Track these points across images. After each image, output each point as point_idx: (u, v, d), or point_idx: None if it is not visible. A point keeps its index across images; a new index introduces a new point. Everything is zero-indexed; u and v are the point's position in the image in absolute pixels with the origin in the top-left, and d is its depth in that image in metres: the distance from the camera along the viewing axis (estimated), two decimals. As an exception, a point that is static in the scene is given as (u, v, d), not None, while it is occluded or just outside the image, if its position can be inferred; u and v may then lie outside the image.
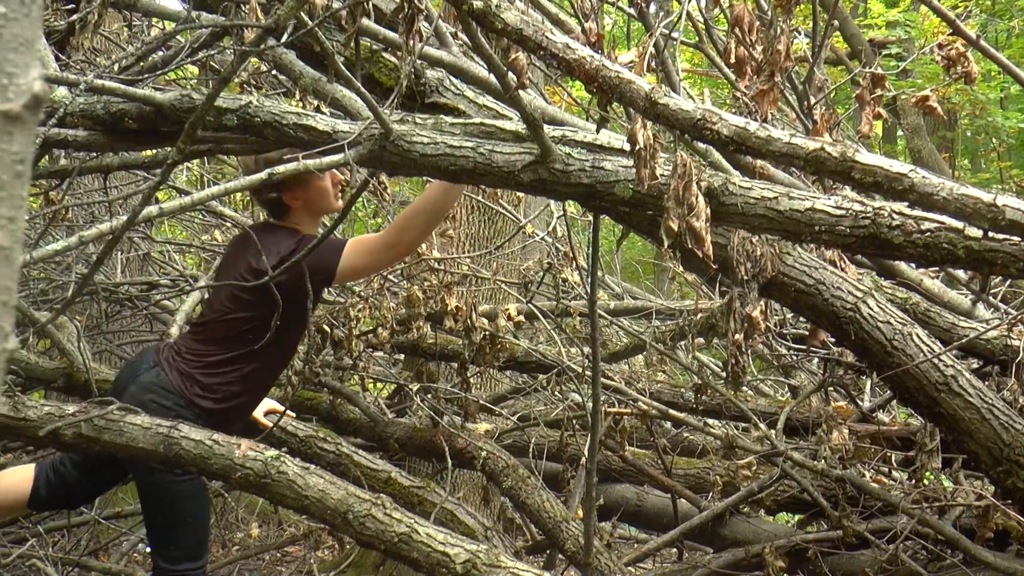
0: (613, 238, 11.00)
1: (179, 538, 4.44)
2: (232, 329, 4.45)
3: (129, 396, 4.41)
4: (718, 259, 3.70)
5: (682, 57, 11.73)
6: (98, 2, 4.41)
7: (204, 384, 4.45)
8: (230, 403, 4.50)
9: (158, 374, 4.47)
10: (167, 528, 4.46)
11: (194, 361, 4.48)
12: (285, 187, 4.50)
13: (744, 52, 3.94)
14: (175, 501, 4.40)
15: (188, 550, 4.44)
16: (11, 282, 1.07)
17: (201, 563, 4.48)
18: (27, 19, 1.05)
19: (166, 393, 4.42)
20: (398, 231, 4.38)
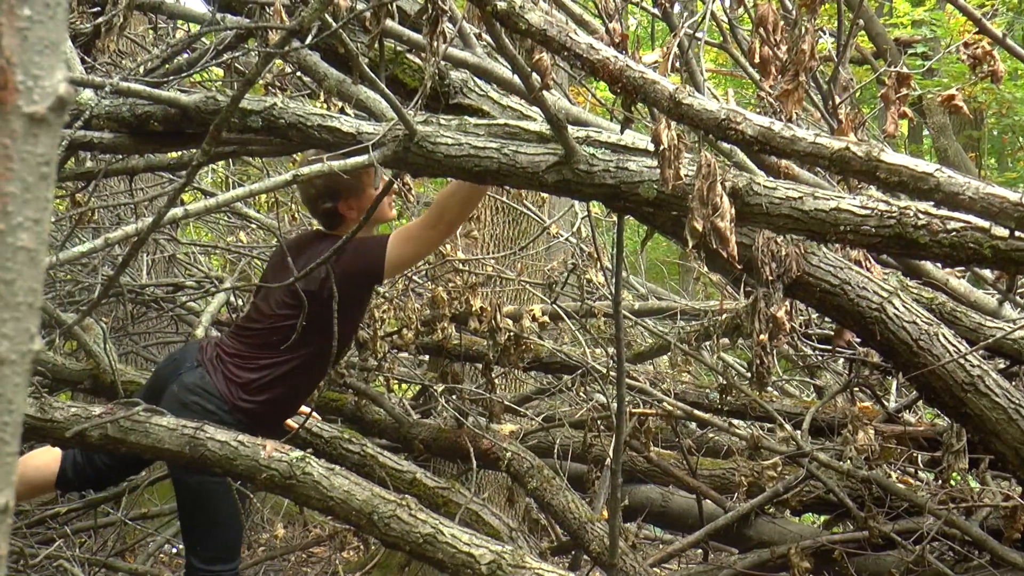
0: (637, 239, 10.99)
1: (214, 538, 4.46)
2: (280, 334, 4.47)
3: (171, 395, 4.43)
4: (743, 259, 3.69)
5: (706, 57, 11.71)
6: (123, 5, 4.42)
7: (249, 388, 4.48)
8: (273, 407, 4.52)
9: (202, 376, 4.49)
10: (202, 528, 4.48)
11: (240, 365, 4.51)
12: (340, 197, 4.53)
13: (769, 52, 3.93)
14: (210, 501, 4.41)
15: (222, 551, 4.46)
16: (37, 284, 1.07)
17: (234, 565, 4.50)
18: (52, 21, 1.06)
19: (210, 396, 4.44)
20: (438, 210, 4.39)
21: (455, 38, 4.25)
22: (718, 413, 5.97)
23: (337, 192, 4.55)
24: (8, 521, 1.11)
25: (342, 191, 4.53)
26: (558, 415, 6.35)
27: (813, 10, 3.90)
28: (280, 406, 4.58)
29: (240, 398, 4.45)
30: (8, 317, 1.06)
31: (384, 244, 4.44)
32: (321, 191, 4.58)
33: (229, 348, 4.56)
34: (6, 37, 1.03)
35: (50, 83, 1.06)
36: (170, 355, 4.94)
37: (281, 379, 4.51)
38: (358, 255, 4.42)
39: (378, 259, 4.44)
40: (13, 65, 1.04)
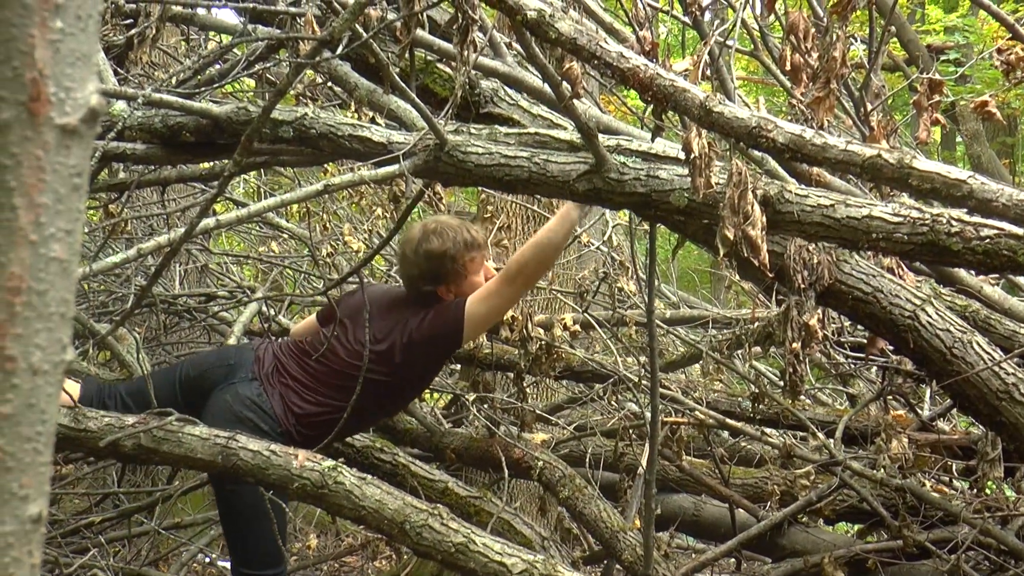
0: (669, 247, 10.97)
1: (257, 544, 4.46)
2: (352, 381, 4.48)
3: (223, 404, 4.43)
4: (774, 267, 3.68)
5: (737, 65, 11.68)
6: (156, 17, 4.45)
7: (305, 420, 4.50)
8: (322, 437, 4.53)
9: (259, 393, 4.49)
10: (244, 534, 4.48)
11: (302, 395, 4.51)
12: (442, 282, 4.52)
13: (800, 59, 3.92)
14: (251, 506, 4.42)
15: (266, 556, 4.47)
16: (69, 294, 1.08)
17: (280, 570, 4.51)
18: (84, 34, 1.06)
19: (265, 416, 4.45)
20: (516, 266, 4.36)
21: (485, 47, 4.26)
22: (750, 422, 5.94)
23: (440, 277, 4.55)
24: (41, 530, 1.12)
25: (445, 277, 4.53)
26: (590, 424, 6.34)
27: (844, 17, 3.89)
28: (328, 437, 4.59)
29: (294, 426, 4.46)
30: (41, 327, 1.06)
31: (463, 307, 4.44)
32: (425, 273, 4.57)
33: (293, 371, 4.56)
34: (38, 49, 1.04)
35: (82, 95, 1.06)
36: (221, 354, 4.85)
37: (338, 420, 4.52)
38: (438, 318, 4.43)
39: (458, 322, 4.43)
40: (45, 77, 1.04)
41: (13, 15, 1.05)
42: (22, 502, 1.09)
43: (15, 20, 1.04)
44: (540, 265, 4.42)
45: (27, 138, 1.04)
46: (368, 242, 6.58)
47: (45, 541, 3.92)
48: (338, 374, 4.53)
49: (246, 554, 4.49)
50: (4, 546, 1.09)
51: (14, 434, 1.07)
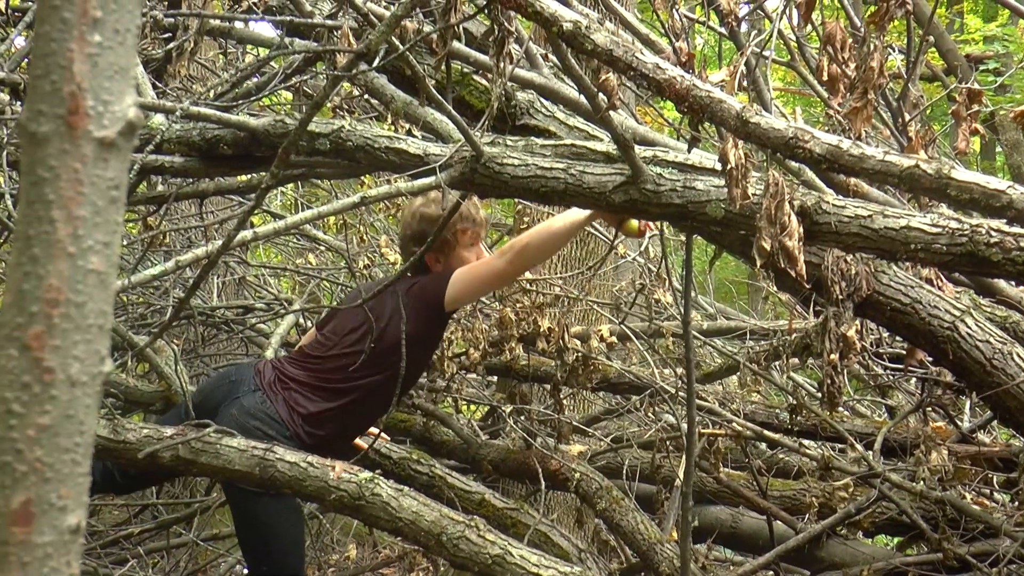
0: (705, 258, 10.95)
1: (274, 557, 4.47)
2: (347, 368, 4.49)
3: (230, 418, 4.44)
4: (812, 278, 3.66)
5: (774, 76, 11.65)
6: (194, 30, 4.48)
7: (311, 419, 4.49)
8: (332, 438, 4.53)
9: (263, 400, 4.50)
10: (262, 547, 4.49)
11: (304, 395, 4.52)
12: (432, 247, 4.51)
13: (837, 69, 3.91)
14: (268, 519, 4.43)
15: (285, 569, 4.47)
16: (107, 306, 1.09)
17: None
18: (122, 47, 1.07)
19: (271, 421, 4.45)
20: (515, 248, 4.35)
21: (521, 59, 4.27)
22: (788, 433, 5.92)
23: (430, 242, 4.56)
24: (80, 541, 1.13)
25: (435, 243, 4.53)
26: (627, 436, 6.32)
27: (881, 27, 3.87)
28: (339, 438, 4.59)
29: (302, 427, 4.46)
30: (79, 339, 1.07)
31: (448, 276, 4.45)
32: (416, 235, 4.58)
33: (292, 375, 4.57)
34: (77, 63, 1.05)
35: (120, 108, 1.07)
36: (221, 374, 4.91)
37: (343, 411, 4.52)
38: (423, 289, 4.44)
39: (440, 291, 4.43)
40: (84, 90, 1.05)
41: (52, 29, 1.06)
42: (61, 513, 1.10)
43: (54, 35, 1.05)
44: (538, 251, 4.39)
45: (65, 151, 1.05)
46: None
47: (84, 552, 3.94)
48: (341, 359, 4.54)
49: (264, 565, 4.48)
50: (43, 556, 1.09)
51: (53, 445, 1.08)
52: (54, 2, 1.05)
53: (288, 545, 4.45)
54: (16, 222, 1.08)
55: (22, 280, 1.06)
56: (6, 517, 1.08)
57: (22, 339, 1.06)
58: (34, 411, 1.07)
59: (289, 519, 4.44)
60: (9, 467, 1.07)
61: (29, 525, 1.08)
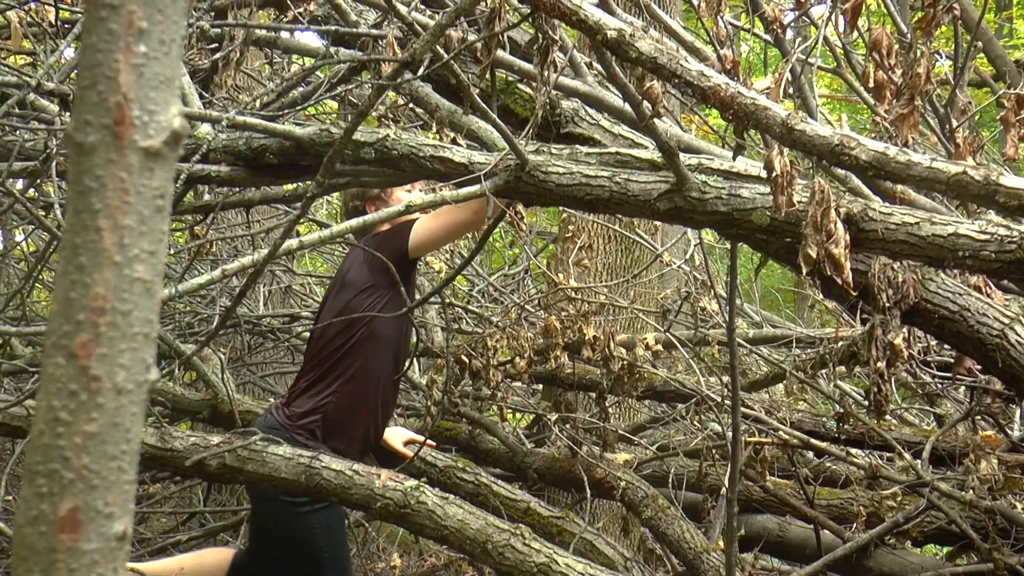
0: (751, 266, 10.90)
1: (326, 572, 4.48)
2: (332, 336, 4.53)
3: None
4: (858, 286, 3.64)
5: (820, 82, 11.59)
6: (240, 40, 4.51)
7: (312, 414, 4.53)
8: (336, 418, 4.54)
9: (265, 416, 4.63)
10: (312, 564, 4.50)
11: (302, 397, 4.57)
12: (367, 199, 4.59)
13: (883, 76, 3.88)
14: (316, 535, 4.44)
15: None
16: (152, 315, 1.09)
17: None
18: (167, 58, 1.08)
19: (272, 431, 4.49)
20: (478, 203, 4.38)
21: (566, 67, 4.27)
22: (835, 442, 5.88)
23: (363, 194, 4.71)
24: (126, 547, 1.13)
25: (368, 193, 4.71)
26: (672, 444, 6.31)
27: (928, 33, 3.85)
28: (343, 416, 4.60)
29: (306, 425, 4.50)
30: (125, 347, 1.08)
31: (410, 226, 4.50)
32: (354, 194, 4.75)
33: (291, 388, 4.69)
34: (123, 74, 1.06)
35: (165, 118, 1.08)
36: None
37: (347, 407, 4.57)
38: (385, 239, 4.48)
39: (403, 238, 4.48)
40: (129, 101, 1.06)
41: (99, 40, 1.07)
42: (107, 520, 1.10)
43: (100, 45, 1.06)
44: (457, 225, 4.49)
45: (112, 160, 1.06)
46: (450, 262, 6.60)
47: (133, 559, 3.97)
48: (322, 345, 4.59)
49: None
50: (90, 563, 1.10)
51: (99, 452, 1.08)
52: (101, 13, 1.06)
53: (337, 558, 4.47)
54: (63, 231, 1.09)
55: (69, 288, 1.07)
56: (54, 524, 1.09)
57: (69, 347, 1.07)
58: (81, 419, 1.08)
59: (336, 532, 4.46)
60: (57, 474, 1.08)
61: (76, 532, 1.09)
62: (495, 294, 7.99)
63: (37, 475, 1.09)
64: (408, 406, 6.83)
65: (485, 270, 8.86)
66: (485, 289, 8.14)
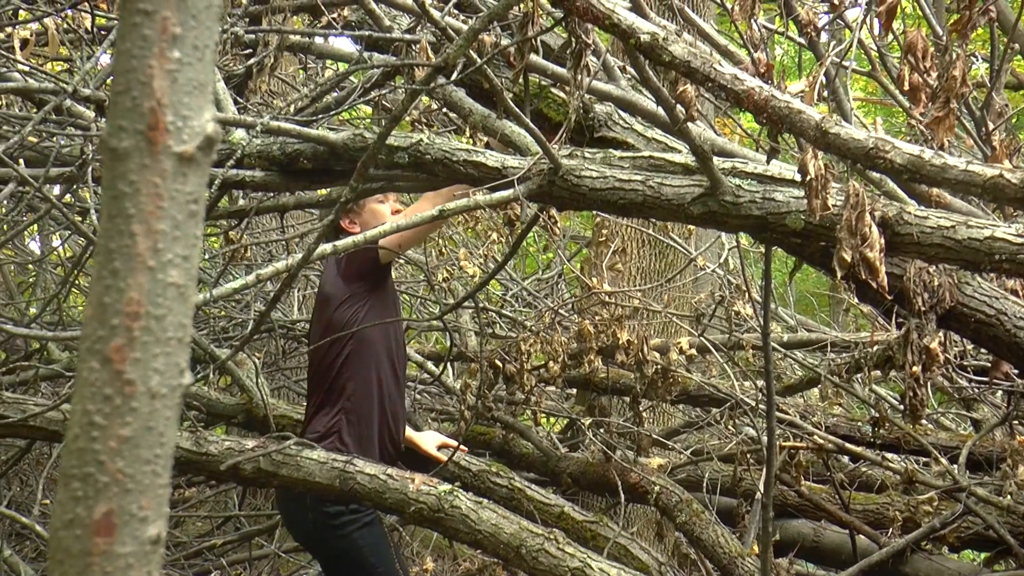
0: (786, 270, 10.86)
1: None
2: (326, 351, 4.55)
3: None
4: (894, 290, 3.62)
5: (855, 86, 11.54)
6: (274, 46, 4.52)
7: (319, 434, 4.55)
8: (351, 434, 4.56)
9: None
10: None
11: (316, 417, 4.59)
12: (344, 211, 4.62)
13: (918, 79, 3.86)
14: (364, 551, 4.46)
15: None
16: (186, 319, 1.10)
17: None
18: (200, 63, 1.08)
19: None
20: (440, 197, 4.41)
21: (599, 71, 4.26)
22: (871, 446, 5.85)
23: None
24: (160, 551, 1.14)
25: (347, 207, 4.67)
26: (707, 449, 6.29)
27: (964, 35, 3.83)
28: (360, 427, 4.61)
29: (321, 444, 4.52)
30: (159, 352, 1.08)
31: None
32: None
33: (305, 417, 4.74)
34: (157, 79, 1.06)
35: (198, 123, 1.08)
36: None
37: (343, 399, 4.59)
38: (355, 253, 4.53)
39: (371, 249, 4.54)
40: (163, 106, 1.07)
41: (133, 46, 1.07)
42: (142, 523, 1.11)
43: (134, 51, 1.07)
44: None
45: (145, 166, 1.07)
46: (483, 267, 6.60)
47: (169, 563, 3.99)
48: (323, 374, 4.62)
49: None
50: (124, 567, 1.11)
51: (133, 456, 1.09)
52: (135, 19, 1.07)
53: (388, 570, 4.49)
54: (98, 236, 1.09)
55: (103, 293, 1.07)
56: (89, 527, 1.09)
57: (103, 352, 1.08)
58: (115, 423, 1.08)
59: (381, 544, 4.49)
60: (91, 478, 1.09)
61: (111, 535, 1.10)
62: (529, 298, 7.98)
63: (72, 479, 1.10)
64: (442, 410, 6.85)
65: (519, 274, 8.85)
66: (519, 293, 8.14)
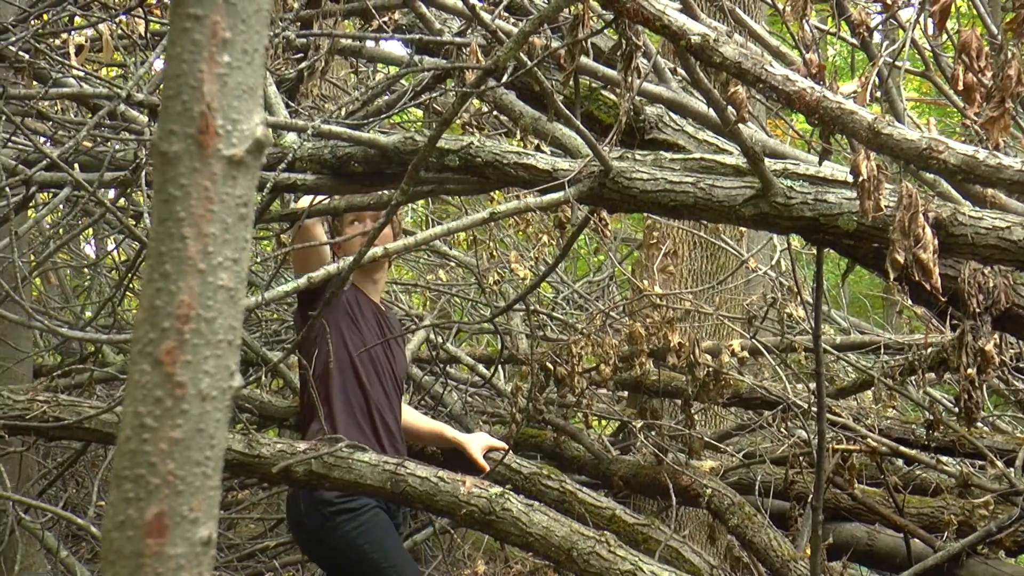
0: (839, 272, 10.80)
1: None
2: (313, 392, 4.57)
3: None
4: (947, 291, 3.59)
5: (908, 86, 11.45)
6: (325, 50, 4.54)
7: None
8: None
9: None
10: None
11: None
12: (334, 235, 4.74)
13: (973, 78, 3.83)
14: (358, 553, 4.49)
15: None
16: (236, 322, 1.10)
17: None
18: (250, 67, 1.09)
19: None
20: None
21: (650, 73, 4.25)
22: (925, 449, 5.81)
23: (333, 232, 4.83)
24: (211, 552, 1.14)
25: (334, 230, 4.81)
26: (759, 451, 6.26)
27: (1020, 34, 3.79)
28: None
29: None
30: (209, 354, 1.09)
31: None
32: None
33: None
34: (207, 83, 1.07)
35: (248, 127, 1.09)
36: None
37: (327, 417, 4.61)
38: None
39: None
40: (213, 110, 1.07)
41: (183, 51, 1.08)
42: (192, 525, 1.12)
43: (185, 56, 1.08)
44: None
45: (196, 169, 1.07)
46: (534, 269, 6.60)
47: (222, 564, 4.01)
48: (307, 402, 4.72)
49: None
50: (176, 568, 1.11)
51: (184, 458, 1.10)
52: (185, 24, 1.07)
53: (395, 565, 4.50)
54: (149, 239, 1.10)
55: (154, 296, 1.08)
56: (140, 529, 1.10)
57: (154, 354, 1.08)
58: (166, 425, 1.09)
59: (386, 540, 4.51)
60: (143, 480, 1.10)
61: (163, 537, 1.10)
62: (580, 301, 7.98)
63: (124, 480, 1.10)
64: (493, 413, 6.84)
65: (570, 277, 8.85)
66: (570, 296, 8.13)
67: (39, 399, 4.54)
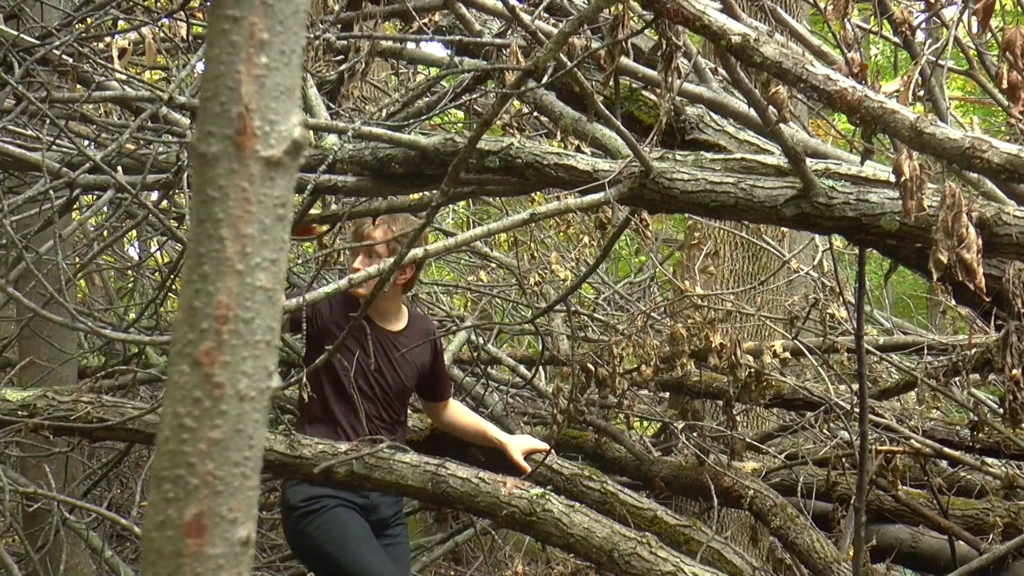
0: (881, 272, 10.74)
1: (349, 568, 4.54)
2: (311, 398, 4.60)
3: None
4: (992, 291, 3.57)
5: (952, 85, 11.38)
6: (365, 52, 4.55)
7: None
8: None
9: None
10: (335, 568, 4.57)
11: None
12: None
13: (1017, 76, 3.80)
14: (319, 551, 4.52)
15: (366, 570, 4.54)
16: (274, 322, 1.11)
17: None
18: (287, 68, 1.09)
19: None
20: None
21: (690, 73, 4.24)
22: (969, 451, 5.76)
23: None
24: (250, 552, 1.15)
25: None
26: (801, 452, 6.23)
27: (1064, 32, 3.76)
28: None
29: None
30: (247, 355, 1.09)
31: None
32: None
33: None
34: (244, 85, 1.07)
35: (286, 128, 1.09)
36: None
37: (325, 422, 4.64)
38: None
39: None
40: (251, 111, 1.08)
41: (221, 52, 1.08)
42: (232, 525, 1.12)
43: (223, 57, 1.08)
44: None
45: (234, 170, 1.08)
46: (575, 270, 6.59)
47: (264, 565, 4.03)
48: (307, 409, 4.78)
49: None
50: (215, 568, 1.12)
51: (223, 459, 1.10)
52: (223, 25, 1.08)
53: (354, 563, 4.52)
54: (187, 240, 1.11)
55: (193, 297, 1.09)
56: (180, 529, 1.11)
57: (193, 355, 1.09)
58: (205, 425, 1.09)
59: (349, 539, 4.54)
60: (182, 480, 1.10)
61: (202, 537, 1.11)
62: (621, 302, 7.96)
63: (164, 480, 1.11)
64: (534, 414, 6.84)
65: (611, 278, 8.83)
66: (611, 297, 8.12)
67: (83, 400, 4.58)
